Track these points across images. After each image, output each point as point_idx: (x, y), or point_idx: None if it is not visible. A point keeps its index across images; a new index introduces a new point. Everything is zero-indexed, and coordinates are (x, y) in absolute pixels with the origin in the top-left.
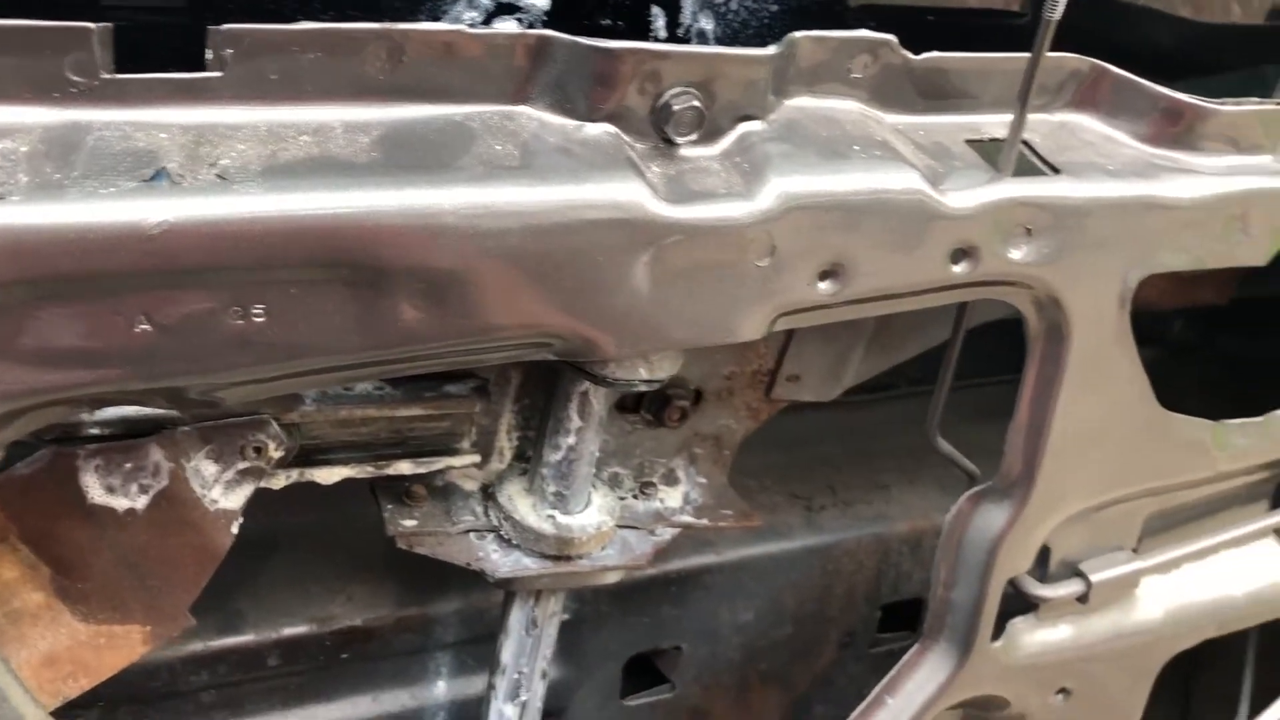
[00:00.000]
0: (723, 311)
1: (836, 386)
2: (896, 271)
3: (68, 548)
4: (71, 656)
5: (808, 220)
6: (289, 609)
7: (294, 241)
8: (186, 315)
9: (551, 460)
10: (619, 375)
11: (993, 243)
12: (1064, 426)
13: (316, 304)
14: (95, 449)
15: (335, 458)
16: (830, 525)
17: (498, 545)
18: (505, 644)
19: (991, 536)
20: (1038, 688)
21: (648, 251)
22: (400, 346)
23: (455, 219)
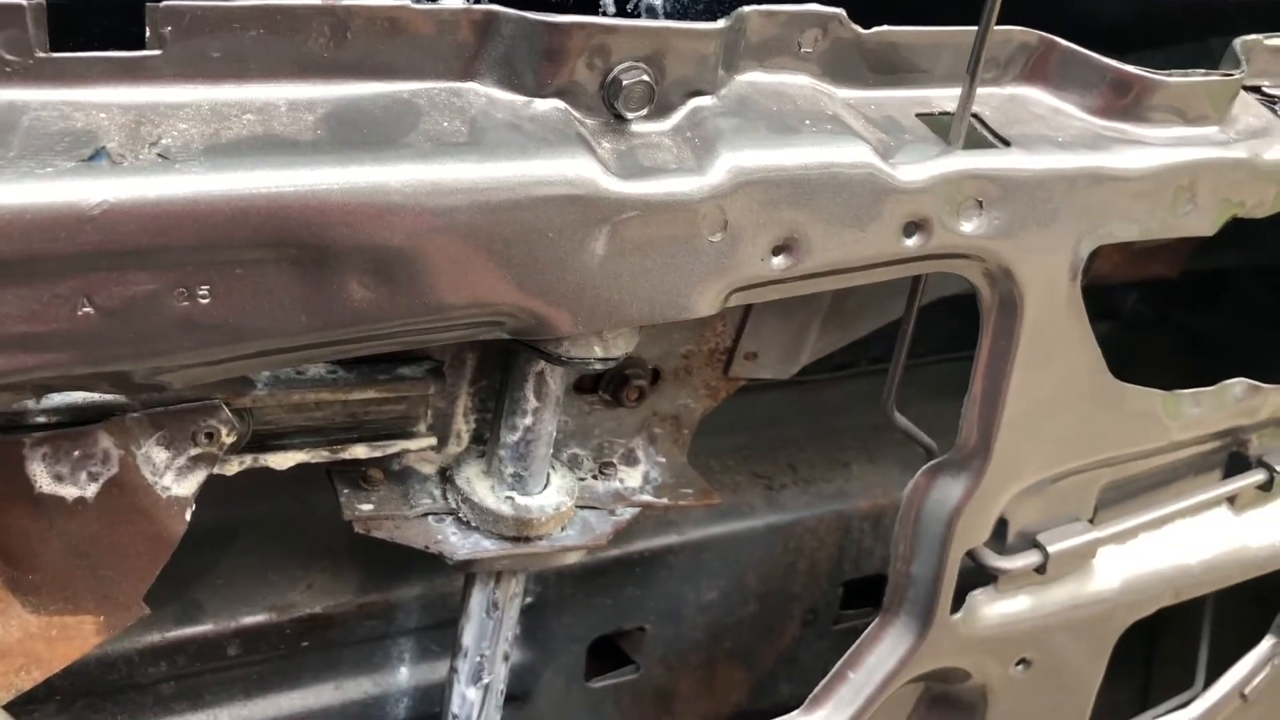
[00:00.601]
0: (676, 287)
1: (794, 363)
2: (849, 245)
3: (15, 538)
4: (23, 649)
5: (759, 195)
6: (248, 598)
7: (238, 221)
8: (129, 297)
9: (509, 441)
10: (574, 354)
11: (944, 215)
12: (1018, 398)
13: (263, 284)
14: (42, 437)
15: (289, 443)
16: (791, 503)
17: (456, 528)
18: (466, 627)
19: (949, 509)
20: (998, 659)
21: (600, 228)
22: (350, 327)
23: (402, 197)
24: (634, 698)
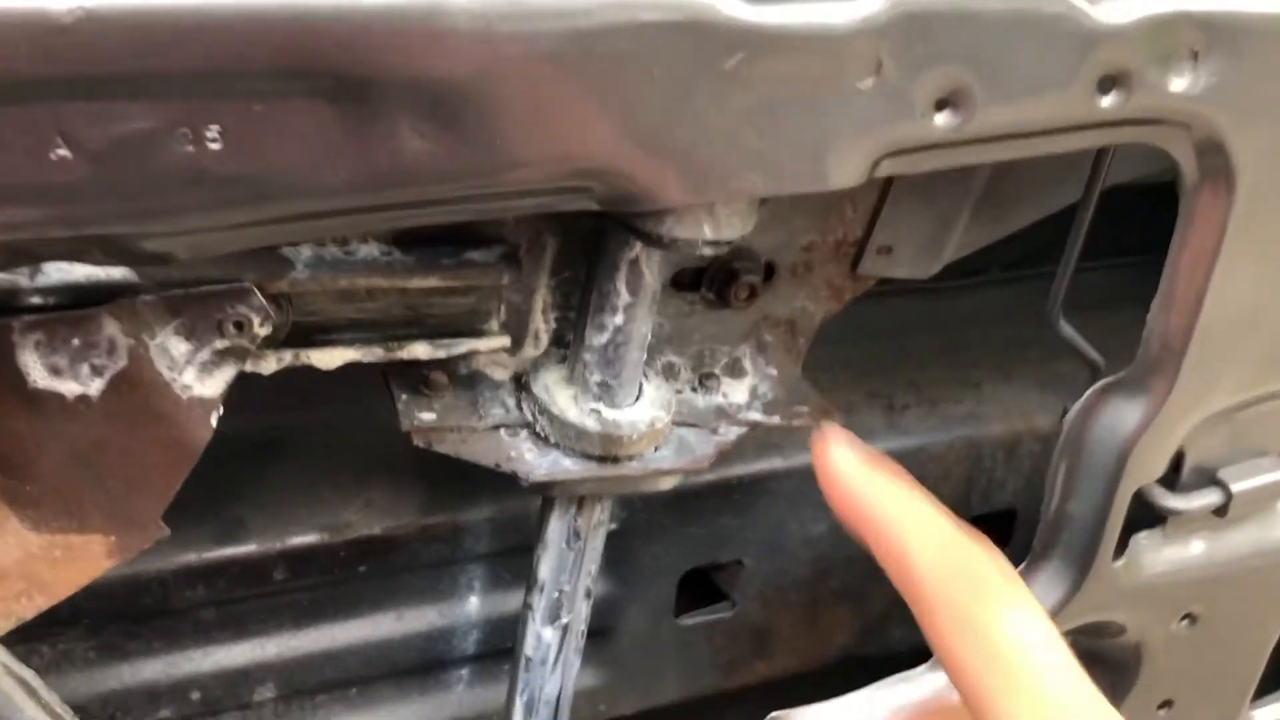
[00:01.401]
0: (813, 148)
1: (936, 261)
2: (1031, 102)
3: (8, 441)
4: (22, 571)
5: (924, 30)
6: (298, 516)
7: (256, 38)
8: (117, 137)
9: (595, 344)
10: (677, 233)
11: (1149, 68)
12: (1219, 304)
13: (289, 126)
14: (34, 321)
15: (337, 338)
16: (915, 427)
17: (533, 443)
18: (543, 558)
19: (1123, 437)
20: (1160, 612)
21: (718, 66)
22: (400, 187)
23: (469, 17)
24: (727, 637)
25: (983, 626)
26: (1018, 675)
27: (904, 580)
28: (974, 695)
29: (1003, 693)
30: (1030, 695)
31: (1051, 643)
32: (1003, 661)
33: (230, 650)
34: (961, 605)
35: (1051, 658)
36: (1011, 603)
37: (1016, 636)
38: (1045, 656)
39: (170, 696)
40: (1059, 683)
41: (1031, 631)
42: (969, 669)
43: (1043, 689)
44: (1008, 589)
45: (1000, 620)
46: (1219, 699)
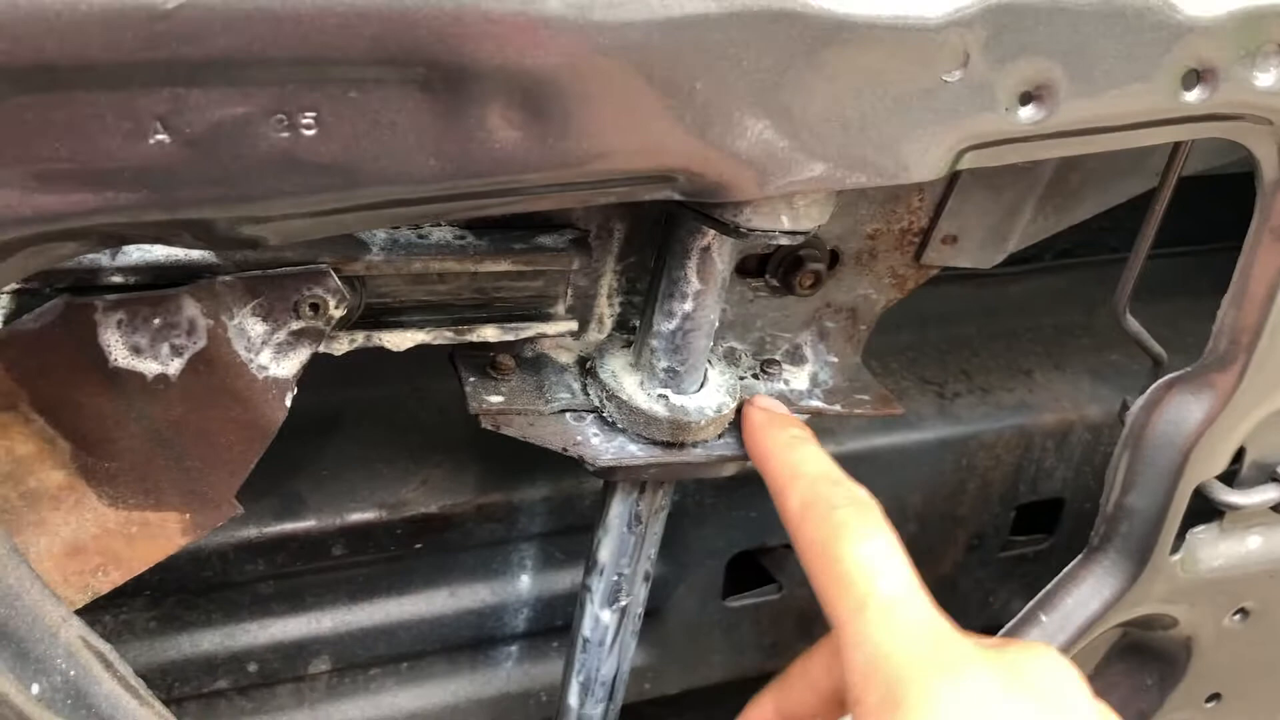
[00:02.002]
0: (897, 142)
1: (1000, 250)
2: (1115, 96)
3: (89, 419)
4: (99, 546)
5: (1012, 23)
6: (356, 493)
7: (355, 27)
8: (215, 123)
9: (664, 330)
10: (755, 224)
11: (1235, 64)
12: None
13: (383, 114)
14: (116, 300)
15: (408, 320)
16: (967, 415)
17: (599, 428)
18: (604, 541)
19: (1186, 433)
20: (1214, 607)
21: (808, 57)
22: (489, 176)
23: (563, 5)
24: (773, 619)
25: (836, 557)
26: (865, 599)
27: (783, 517)
28: (833, 619)
29: (853, 615)
30: (876, 615)
31: (897, 572)
32: (849, 587)
33: (287, 624)
34: (820, 540)
35: (895, 584)
36: (861, 536)
37: (865, 566)
38: (890, 583)
39: (227, 667)
40: (902, 605)
41: (879, 562)
42: (826, 596)
43: (888, 610)
44: (861, 525)
45: (851, 552)
46: (1268, 693)
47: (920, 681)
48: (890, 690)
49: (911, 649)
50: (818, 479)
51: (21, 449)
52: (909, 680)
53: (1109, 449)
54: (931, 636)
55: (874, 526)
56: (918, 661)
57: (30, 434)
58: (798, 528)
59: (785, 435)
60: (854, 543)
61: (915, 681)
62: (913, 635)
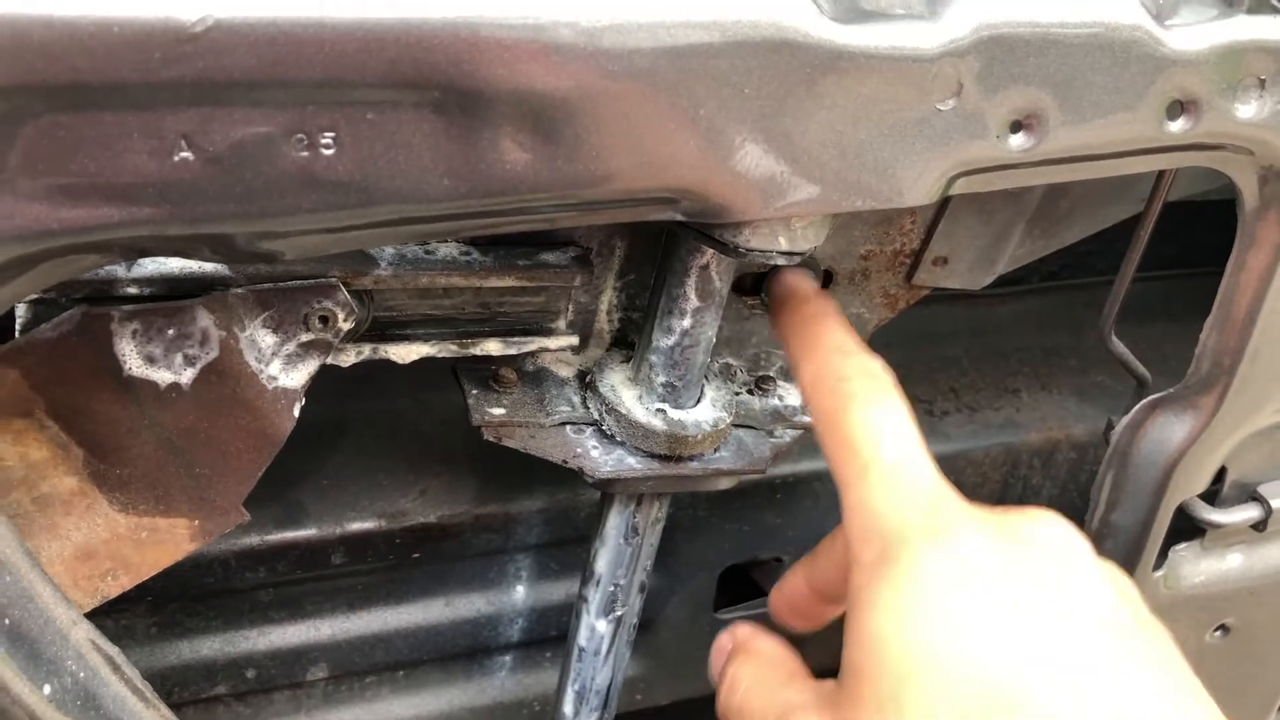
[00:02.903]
0: (892, 166)
1: (989, 273)
2: (1102, 125)
3: (102, 426)
4: (110, 551)
5: (1004, 54)
6: (356, 502)
7: (373, 51)
8: (237, 141)
9: (663, 346)
10: (753, 244)
11: (1217, 95)
12: (1272, 324)
13: (399, 135)
14: (132, 310)
15: (413, 333)
16: (954, 432)
17: (598, 441)
18: (600, 552)
19: (1170, 452)
20: (1196, 623)
21: (808, 85)
22: (499, 195)
23: (573, 32)
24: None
25: (842, 424)
26: (867, 464)
27: (800, 390)
28: (839, 485)
29: (856, 479)
30: (876, 479)
31: (901, 437)
32: (854, 453)
33: (286, 631)
34: (830, 410)
35: (898, 449)
36: (868, 404)
37: (870, 432)
38: (892, 448)
39: (226, 673)
40: (903, 469)
41: (884, 428)
42: (834, 463)
43: (887, 474)
44: (868, 394)
45: (858, 419)
46: (1248, 708)
47: (913, 541)
48: (884, 549)
49: (907, 511)
50: (831, 352)
51: (35, 455)
52: (902, 540)
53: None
54: (928, 500)
55: (882, 394)
56: (912, 523)
57: (44, 440)
58: (810, 399)
59: (804, 311)
60: (861, 410)
61: (908, 541)
62: (909, 498)
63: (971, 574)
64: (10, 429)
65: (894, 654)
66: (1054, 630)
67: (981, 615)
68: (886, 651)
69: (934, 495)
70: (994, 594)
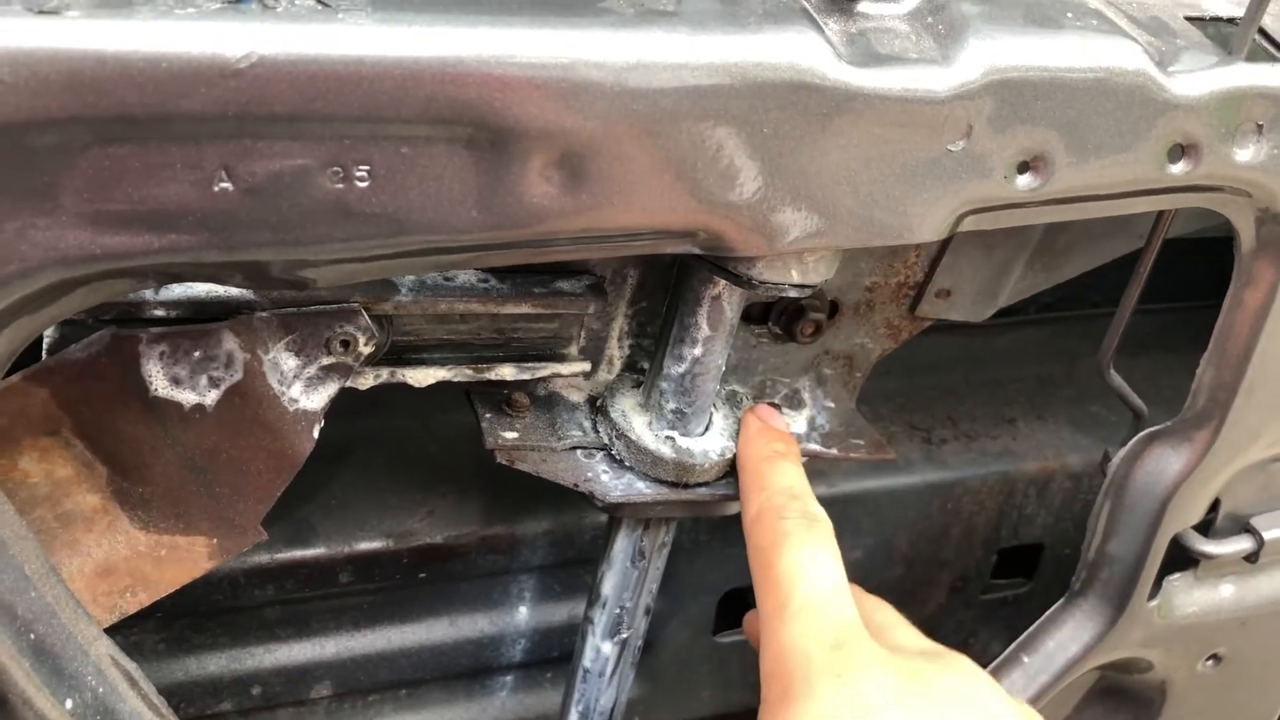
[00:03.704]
0: (903, 205)
1: (990, 305)
2: (1107, 167)
3: (127, 446)
4: (129, 568)
5: (1013, 97)
6: (365, 522)
7: (409, 88)
8: (276, 173)
9: (673, 373)
10: (766, 277)
11: (1217, 139)
12: (1266, 360)
13: (431, 169)
14: (160, 333)
15: (430, 357)
16: (952, 460)
17: (608, 465)
18: (607, 575)
19: (1165, 484)
20: (1188, 652)
21: (824, 125)
22: (524, 228)
23: (601, 72)
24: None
25: (771, 563)
26: (785, 601)
27: (743, 523)
28: (760, 622)
29: (771, 615)
30: (790, 617)
31: (823, 578)
32: (776, 588)
33: (292, 648)
34: (764, 546)
35: (817, 588)
36: (798, 544)
37: (794, 571)
38: (812, 587)
39: (232, 690)
40: (817, 608)
41: (808, 568)
42: (759, 598)
43: (800, 612)
44: (801, 536)
45: (786, 558)
46: None
47: (814, 681)
48: (787, 688)
49: (812, 649)
50: (778, 491)
51: (60, 472)
52: (805, 679)
53: (1089, 497)
54: (836, 638)
55: (815, 538)
56: (817, 661)
57: (69, 458)
58: (749, 533)
59: (768, 448)
60: (791, 550)
61: (811, 681)
62: (817, 636)
63: (874, 709)
64: (37, 446)
65: None
66: None
67: None
68: None
69: (843, 634)
70: None
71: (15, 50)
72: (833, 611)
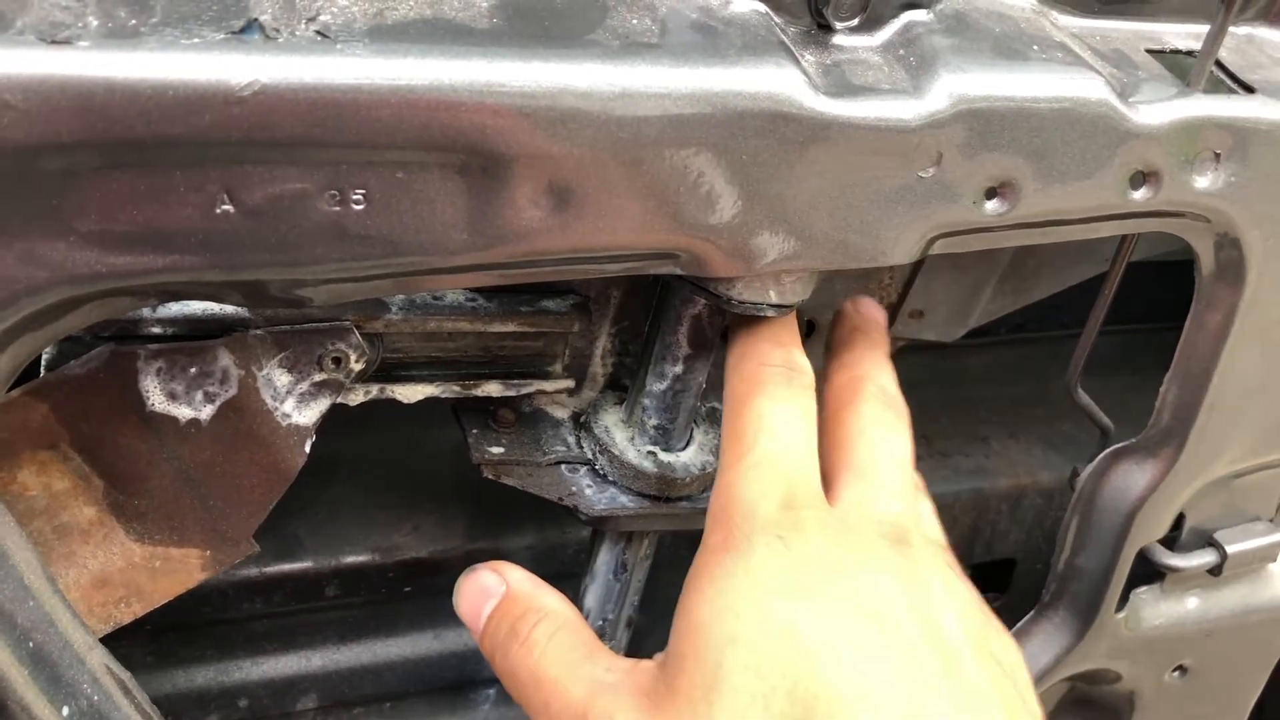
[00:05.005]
0: (876, 229)
1: (962, 325)
2: (1071, 193)
3: (124, 459)
4: (124, 579)
5: (981, 126)
6: (351, 537)
7: (405, 116)
8: (276, 196)
9: (655, 390)
10: (745, 297)
11: (1176, 167)
12: (1226, 381)
13: (424, 193)
14: (158, 350)
15: (418, 374)
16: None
17: (592, 480)
18: (590, 588)
19: (1131, 499)
20: (1155, 663)
21: (801, 152)
22: (514, 250)
23: (589, 101)
24: None
25: (740, 410)
26: (745, 451)
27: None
28: (721, 465)
29: (731, 464)
30: (744, 467)
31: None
32: (739, 438)
33: (278, 661)
34: (737, 394)
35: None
36: (771, 395)
37: (760, 421)
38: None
39: (219, 702)
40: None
41: (773, 421)
42: (723, 446)
43: (756, 465)
44: (775, 384)
45: (753, 405)
46: None
47: (757, 533)
48: (729, 535)
49: (763, 501)
50: (765, 339)
51: (58, 485)
52: (749, 529)
53: (1059, 513)
54: (789, 495)
55: (790, 390)
56: (763, 515)
57: (67, 472)
58: (728, 377)
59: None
60: (762, 400)
61: (753, 532)
62: (771, 489)
63: (807, 575)
64: (36, 460)
65: (714, 647)
66: (876, 646)
67: (806, 620)
68: (707, 642)
69: (799, 492)
70: (826, 599)
71: (29, 78)
72: (793, 466)
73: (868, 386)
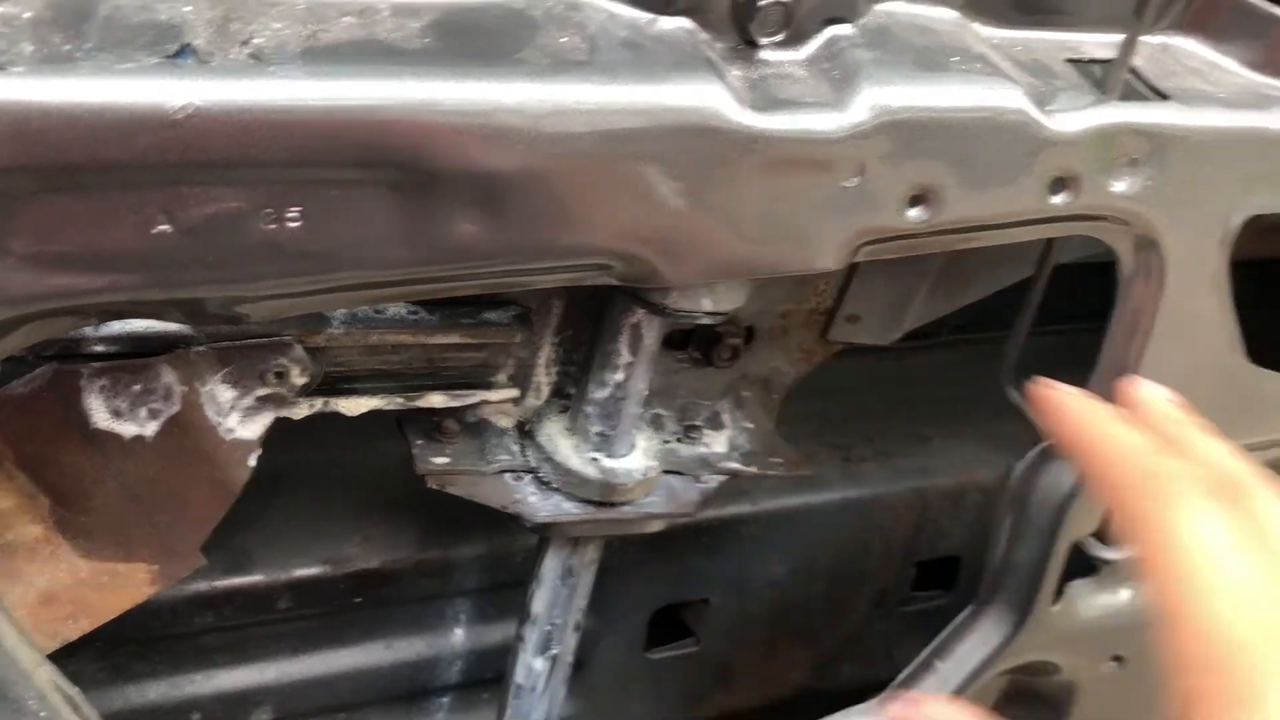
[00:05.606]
0: (803, 237)
1: (897, 329)
2: (992, 199)
3: (69, 476)
4: (72, 596)
5: (903, 137)
6: (302, 549)
7: (338, 135)
8: (212, 215)
9: (597, 398)
10: (681, 306)
11: (1094, 173)
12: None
13: (359, 210)
14: (101, 368)
15: (362, 387)
16: (870, 478)
17: (536, 488)
18: (537, 593)
19: (1062, 494)
20: (1092, 654)
21: (727, 165)
22: (449, 263)
23: (519, 118)
24: (692, 671)
25: (1157, 523)
26: (1187, 562)
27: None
28: (1155, 579)
29: (1179, 578)
30: (1197, 578)
31: (1221, 536)
32: (1174, 552)
33: (231, 674)
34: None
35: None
36: (1183, 503)
37: (1188, 530)
38: (1213, 551)
39: (172, 717)
40: (1225, 565)
41: (1202, 526)
42: (1147, 558)
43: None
44: (1183, 494)
45: (1174, 519)
46: None
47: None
48: (1224, 683)
49: (1251, 640)
50: (1133, 452)
51: (3, 504)
52: (1247, 679)
53: None
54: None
55: (1191, 496)
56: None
57: (12, 490)
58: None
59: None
60: (1186, 513)
61: (1257, 683)
62: (1252, 623)
63: None
64: None
65: None
66: None
67: None
68: None
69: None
70: None
71: None
72: (1246, 562)
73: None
